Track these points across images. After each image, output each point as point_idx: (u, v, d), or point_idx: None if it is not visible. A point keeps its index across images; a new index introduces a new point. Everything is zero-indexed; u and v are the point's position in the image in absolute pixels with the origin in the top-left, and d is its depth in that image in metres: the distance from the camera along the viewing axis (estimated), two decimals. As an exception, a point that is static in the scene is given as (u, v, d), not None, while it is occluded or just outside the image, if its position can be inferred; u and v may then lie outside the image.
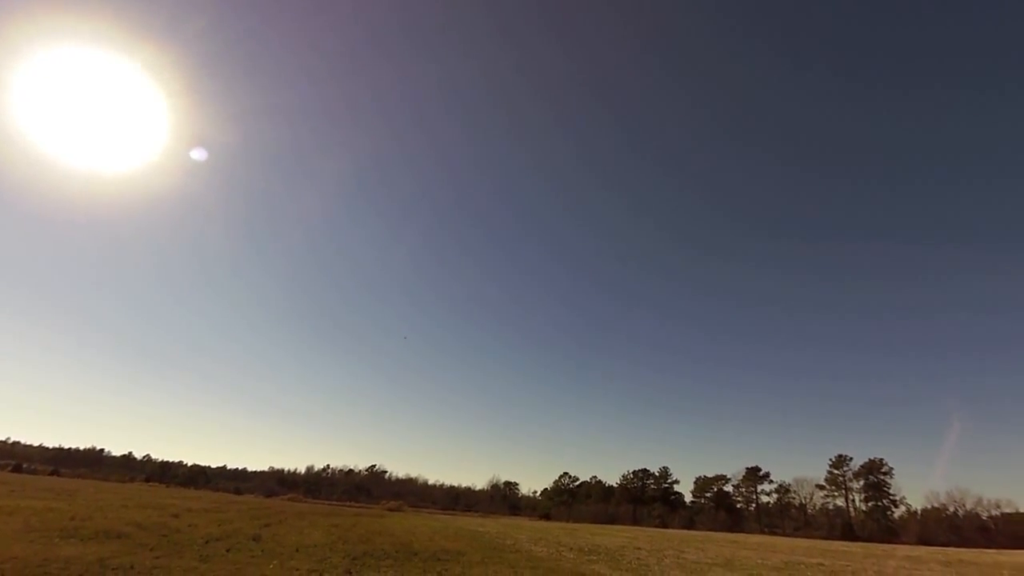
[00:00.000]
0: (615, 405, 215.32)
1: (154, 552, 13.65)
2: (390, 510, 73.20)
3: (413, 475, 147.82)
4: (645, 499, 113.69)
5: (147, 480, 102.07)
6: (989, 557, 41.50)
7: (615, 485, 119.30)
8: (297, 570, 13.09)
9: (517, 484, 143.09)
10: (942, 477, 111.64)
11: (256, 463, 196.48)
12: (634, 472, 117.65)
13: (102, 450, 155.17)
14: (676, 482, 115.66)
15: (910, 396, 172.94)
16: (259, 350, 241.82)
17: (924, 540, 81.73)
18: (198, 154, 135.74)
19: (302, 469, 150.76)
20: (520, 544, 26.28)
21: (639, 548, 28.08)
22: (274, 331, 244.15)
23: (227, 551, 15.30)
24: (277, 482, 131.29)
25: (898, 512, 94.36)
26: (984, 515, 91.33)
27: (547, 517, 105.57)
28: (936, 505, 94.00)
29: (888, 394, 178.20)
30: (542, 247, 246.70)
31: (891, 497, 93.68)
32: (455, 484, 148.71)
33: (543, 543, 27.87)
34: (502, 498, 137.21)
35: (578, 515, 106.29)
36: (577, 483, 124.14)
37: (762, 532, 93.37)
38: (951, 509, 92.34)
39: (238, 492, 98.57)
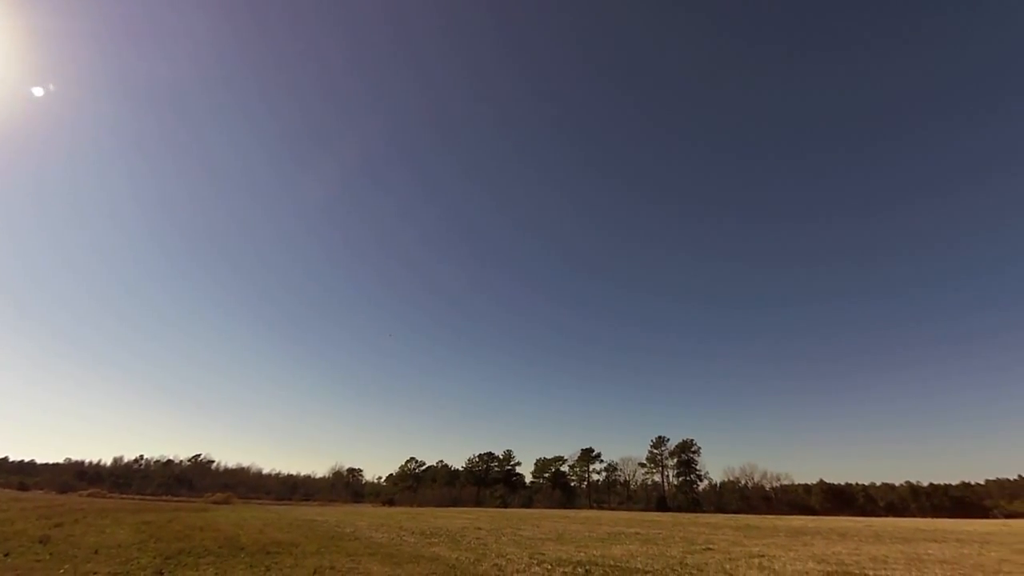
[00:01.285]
0: (467, 390, 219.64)
1: None
2: (216, 503, 67.33)
3: (245, 464, 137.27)
4: (489, 481, 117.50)
5: None
6: (769, 522, 49.31)
7: (461, 469, 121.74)
8: (95, 574, 11.47)
9: (361, 471, 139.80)
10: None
11: (48, 454, 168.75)
12: (479, 456, 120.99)
13: None
14: (518, 464, 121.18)
15: (715, 384, 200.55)
16: (59, 310, 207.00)
17: (720, 508, 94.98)
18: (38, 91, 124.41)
19: (108, 460, 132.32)
20: (360, 531, 25.67)
21: (479, 528, 28.92)
22: (86, 291, 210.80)
23: (5, 556, 12.95)
24: (75, 476, 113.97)
25: (702, 485, 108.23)
26: (767, 487, 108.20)
27: (391, 503, 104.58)
28: (731, 479, 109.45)
29: (699, 382, 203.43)
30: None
31: (697, 472, 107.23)
32: (293, 473, 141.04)
33: (385, 529, 27.51)
34: (345, 485, 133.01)
35: (423, 499, 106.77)
36: (423, 468, 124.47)
37: (591, 507, 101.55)
38: (743, 482, 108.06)
39: (23, 488, 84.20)
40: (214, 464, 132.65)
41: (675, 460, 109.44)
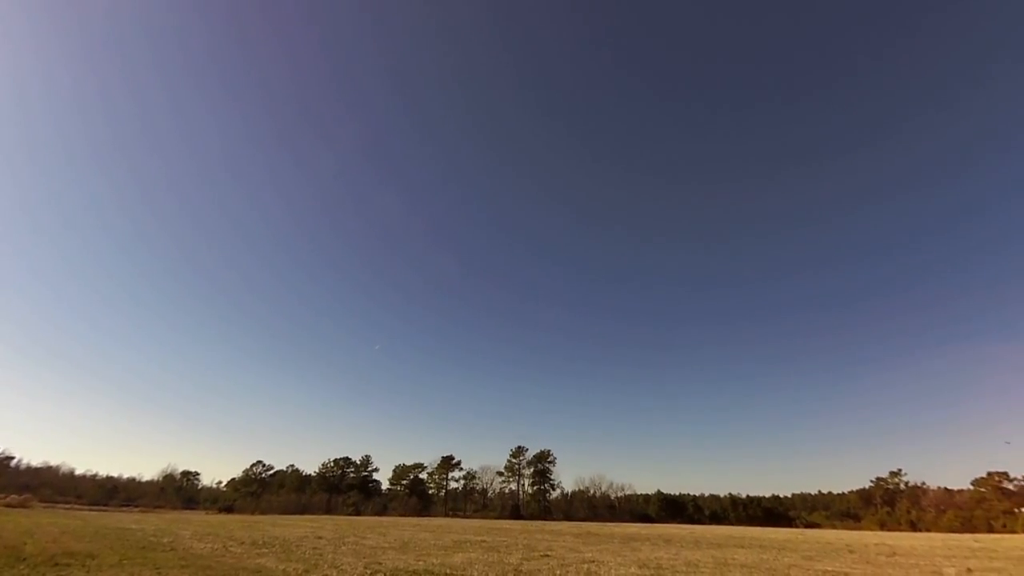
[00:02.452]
0: (326, 393, 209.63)
1: None
2: (9, 506, 57.60)
3: (53, 463, 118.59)
4: (343, 488, 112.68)
5: None
6: (608, 529, 52.46)
7: (314, 474, 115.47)
8: None
9: (198, 474, 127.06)
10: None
11: None
12: (335, 460, 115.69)
13: None
14: (376, 470, 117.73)
15: (572, 397, 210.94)
16: None
17: (569, 516, 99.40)
18: None
19: None
20: (180, 541, 23.24)
21: (320, 537, 27.48)
22: None
23: None
24: None
25: (554, 494, 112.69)
26: (613, 496, 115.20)
27: (229, 510, 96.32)
28: (581, 488, 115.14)
29: (558, 396, 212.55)
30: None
31: (551, 482, 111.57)
32: (114, 475, 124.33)
33: (211, 539, 25.15)
34: (176, 490, 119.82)
35: (268, 507, 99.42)
36: (271, 472, 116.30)
37: (447, 515, 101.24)
38: (591, 491, 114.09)
39: None
40: (14, 461, 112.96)
41: (532, 469, 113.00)
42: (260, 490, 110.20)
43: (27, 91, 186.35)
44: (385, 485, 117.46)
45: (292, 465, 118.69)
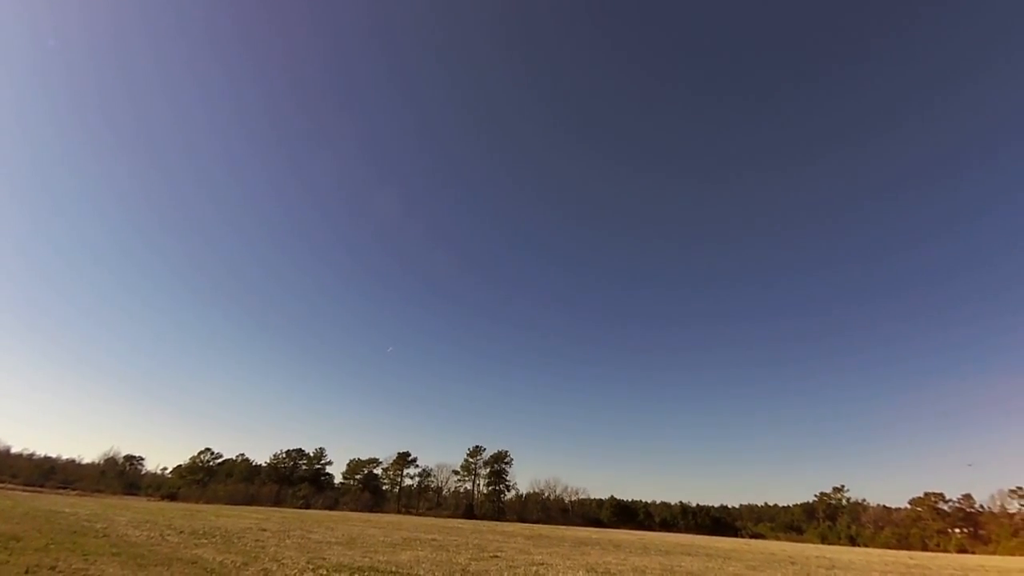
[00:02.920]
0: (281, 383, 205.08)
1: None
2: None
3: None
4: (294, 480, 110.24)
5: None
6: (560, 532, 52.64)
7: (264, 464, 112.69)
8: None
9: (142, 459, 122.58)
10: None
11: None
12: (287, 452, 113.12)
13: None
14: (330, 463, 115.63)
15: (534, 399, 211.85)
16: None
17: (522, 518, 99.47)
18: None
19: None
20: (115, 527, 22.23)
21: (264, 530, 26.68)
22: None
23: None
24: None
25: (509, 495, 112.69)
26: (566, 499, 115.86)
27: (173, 498, 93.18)
28: (536, 490, 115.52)
29: (520, 397, 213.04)
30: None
31: (507, 483, 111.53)
32: (53, 455, 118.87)
33: (148, 526, 24.15)
34: (119, 475, 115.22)
35: (214, 496, 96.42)
36: (220, 460, 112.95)
37: (399, 512, 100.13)
38: (546, 494, 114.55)
39: None
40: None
41: (488, 470, 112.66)
42: (207, 478, 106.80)
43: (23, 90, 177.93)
44: (338, 479, 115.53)
45: (242, 454, 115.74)
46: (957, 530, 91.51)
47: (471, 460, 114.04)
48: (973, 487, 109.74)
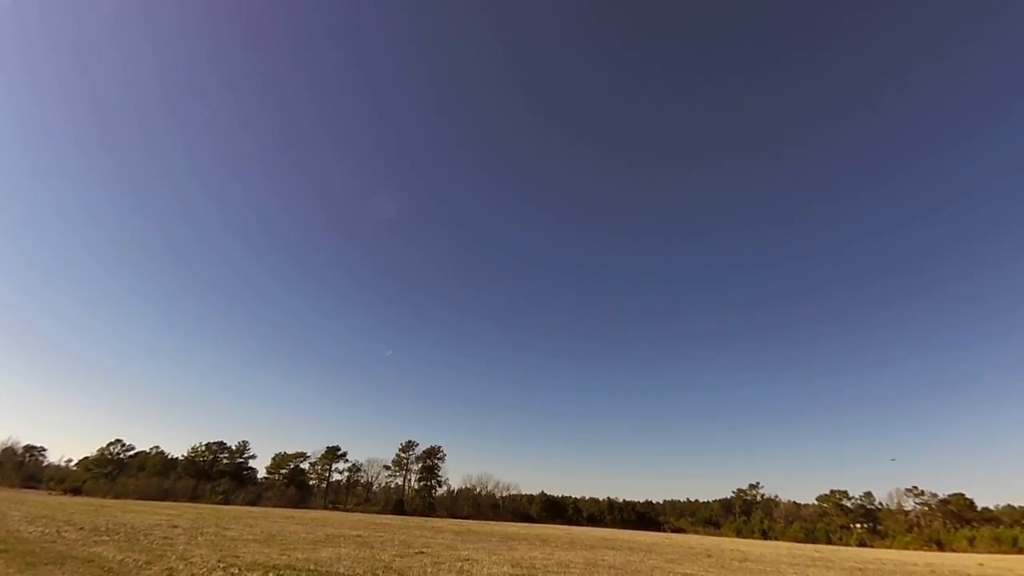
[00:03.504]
0: (201, 373, 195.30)
1: None
2: None
3: None
4: (213, 474, 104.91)
5: None
6: (489, 528, 52.79)
7: (181, 458, 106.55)
8: None
9: (44, 450, 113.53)
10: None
11: None
12: (207, 444, 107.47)
13: None
14: (253, 457, 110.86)
15: (467, 395, 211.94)
16: None
17: (453, 514, 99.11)
18: None
19: None
20: (6, 523, 20.60)
21: (175, 526, 25.18)
22: None
23: None
24: None
25: (441, 491, 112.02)
26: (498, 495, 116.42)
27: (77, 492, 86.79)
28: (468, 486, 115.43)
29: (449, 393, 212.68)
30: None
31: (438, 478, 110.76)
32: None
33: (44, 521, 22.35)
34: (17, 466, 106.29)
35: (123, 490, 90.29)
36: (132, 453, 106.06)
37: (326, 508, 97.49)
38: (477, 489, 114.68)
39: None
40: None
41: (420, 465, 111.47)
42: (116, 472, 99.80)
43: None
44: (262, 474, 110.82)
45: (157, 447, 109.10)
46: (858, 525, 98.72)
47: (403, 455, 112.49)
48: (873, 485, 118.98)
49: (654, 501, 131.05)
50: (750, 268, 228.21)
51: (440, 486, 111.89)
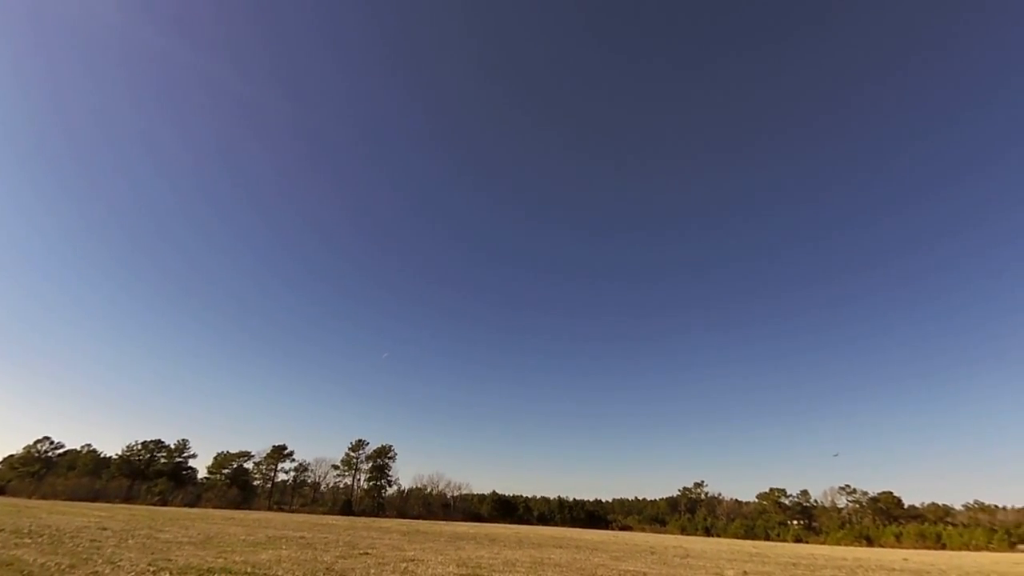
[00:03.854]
0: (144, 365, 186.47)
1: None
2: None
3: None
4: (150, 474, 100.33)
5: None
6: (438, 527, 52.54)
7: (115, 456, 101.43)
8: None
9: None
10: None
11: None
12: (143, 443, 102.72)
13: None
14: (194, 456, 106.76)
15: (419, 394, 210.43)
16: None
17: (403, 514, 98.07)
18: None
19: None
20: (-90, 528, 18.96)
21: (105, 528, 23.98)
22: None
23: None
24: None
25: (391, 491, 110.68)
26: (449, 495, 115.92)
27: (1, 492, 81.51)
28: (419, 486, 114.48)
29: (406, 391, 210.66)
30: None
31: (389, 478, 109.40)
32: None
33: (-43, 526, 20.84)
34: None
35: (51, 491, 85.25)
36: (61, 451, 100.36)
37: (270, 509, 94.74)
38: (428, 489, 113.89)
39: None
40: None
41: (370, 464, 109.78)
42: (44, 471, 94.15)
43: None
44: (203, 474, 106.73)
45: (88, 445, 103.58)
46: (795, 522, 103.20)
47: (353, 454, 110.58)
48: (811, 483, 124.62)
49: (604, 500, 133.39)
50: (695, 268, 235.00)
51: (390, 486, 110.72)
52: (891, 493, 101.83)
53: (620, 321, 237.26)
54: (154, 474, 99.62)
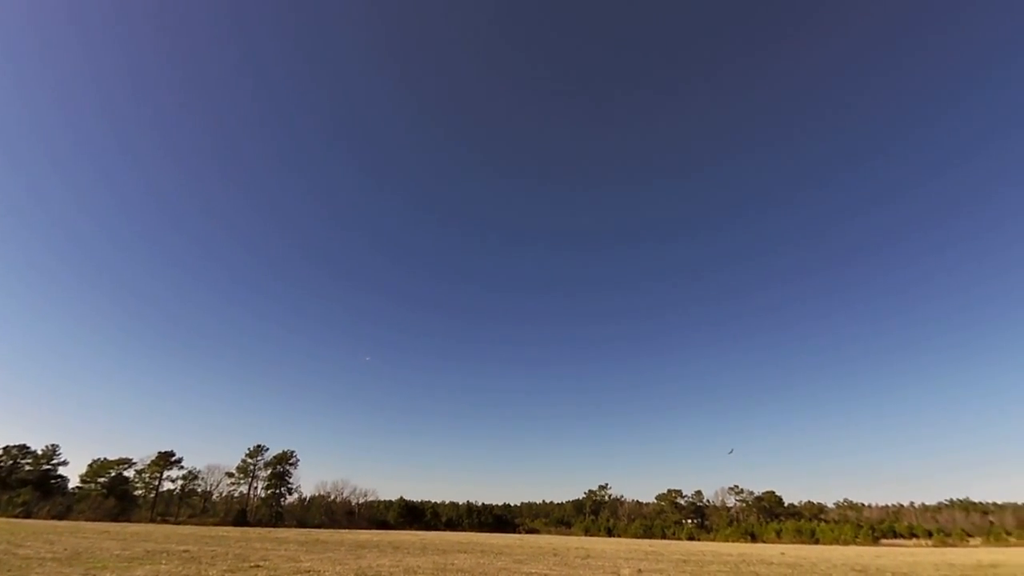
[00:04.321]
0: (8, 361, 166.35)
1: None
2: None
3: None
4: (12, 483, 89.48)
5: None
6: (340, 536, 50.86)
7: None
8: None
9: None
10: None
11: None
12: (5, 448, 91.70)
13: None
14: (64, 463, 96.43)
15: (324, 399, 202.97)
16: None
17: (303, 523, 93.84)
18: None
19: None
20: None
21: (-53, 547, 21.14)
22: None
23: None
24: None
25: (291, 499, 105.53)
26: (354, 502, 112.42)
27: None
28: (322, 493, 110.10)
29: (305, 395, 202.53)
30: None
31: (289, 485, 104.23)
32: None
33: None
34: None
35: None
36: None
37: (153, 520, 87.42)
38: (332, 496, 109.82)
39: None
40: None
41: (269, 471, 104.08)
42: None
43: None
44: (75, 482, 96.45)
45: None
46: (689, 521, 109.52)
47: (250, 461, 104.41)
48: (704, 484, 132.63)
49: (512, 504, 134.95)
50: (585, 280, 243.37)
51: (291, 494, 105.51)
52: (774, 492, 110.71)
53: (525, 329, 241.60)
54: (17, 483, 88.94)
